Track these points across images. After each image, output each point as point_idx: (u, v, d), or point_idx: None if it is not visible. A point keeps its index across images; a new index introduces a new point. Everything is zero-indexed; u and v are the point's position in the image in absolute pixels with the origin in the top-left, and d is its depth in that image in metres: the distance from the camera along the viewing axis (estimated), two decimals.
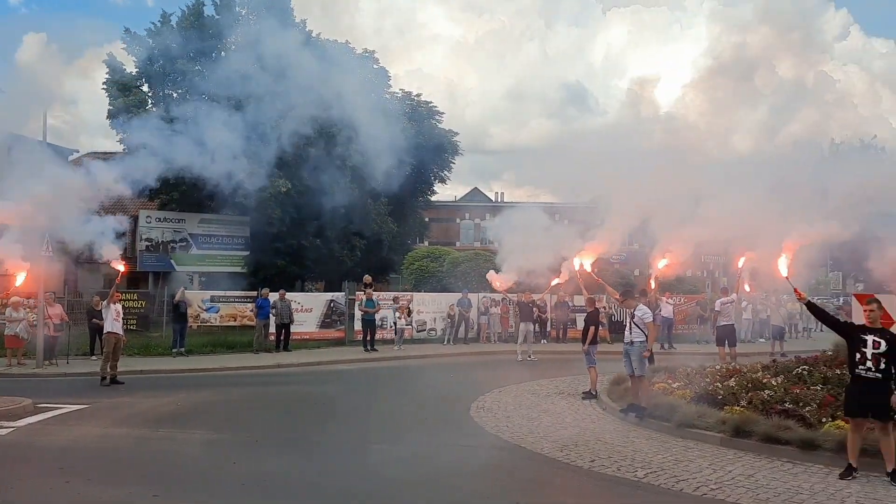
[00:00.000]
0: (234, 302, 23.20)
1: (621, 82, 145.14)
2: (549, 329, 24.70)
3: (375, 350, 20.91)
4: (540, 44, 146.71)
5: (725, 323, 16.76)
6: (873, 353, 7.63)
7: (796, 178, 14.76)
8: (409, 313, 23.42)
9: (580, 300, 20.78)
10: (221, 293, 23.85)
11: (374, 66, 30.72)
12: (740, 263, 15.44)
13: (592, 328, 13.62)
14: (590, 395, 13.10)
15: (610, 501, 7.47)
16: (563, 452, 9.00)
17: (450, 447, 9.63)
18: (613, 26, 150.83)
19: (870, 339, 7.72)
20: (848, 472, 7.72)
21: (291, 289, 26.80)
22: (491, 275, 17.52)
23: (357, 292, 23.48)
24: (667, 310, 23.14)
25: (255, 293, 22.48)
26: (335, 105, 20.30)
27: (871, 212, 13.91)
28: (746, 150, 16.61)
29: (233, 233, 29.67)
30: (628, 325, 11.55)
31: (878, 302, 8.30)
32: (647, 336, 11.20)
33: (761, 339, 24.44)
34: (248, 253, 29.25)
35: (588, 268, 14.27)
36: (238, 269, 29.20)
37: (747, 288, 17.75)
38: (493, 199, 61.46)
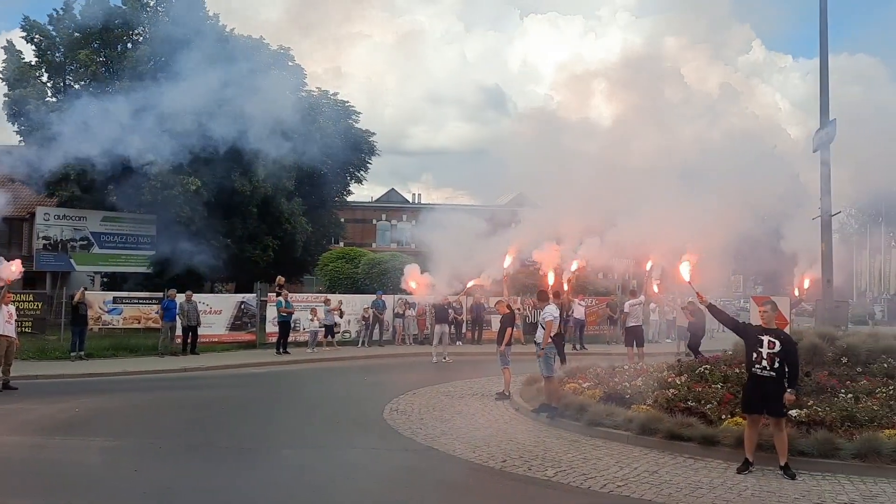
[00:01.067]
0: (139, 303, 22.29)
1: (538, 87, 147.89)
2: (464, 331, 24.84)
3: (288, 353, 20.48)
4: (459, 47, 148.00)
5: (634, 324, 17.26)
6: (768, 353, 7.99)
7: (702, 184, 15.38)
8: (342, 314, 23.23)
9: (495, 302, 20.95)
10: (125, 294, 22.91)
11: (290, 64, 30.19)
12: (648, 266, 15.96)
13: (510, 329, 13.75)
14: (503, 395, 13.21)
15: (521, 501, 7.54)
16: (475, 453, 9.03)
17: (362, 450, 9.51)
18: (531, 32, 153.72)
19: (765, 339, 8.08)
20: (745, 467, 8.06)
21: (200, 290, 26.00)
22: (412, 274, 17.35)
23: (269, 293, 22.97)
24: (579, 311, 23.70)
25: (160, 294, 21.67)
26: (248, 102, 19.80)
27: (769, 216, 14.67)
28: (655, 158, 17.15)
29: (138, 231, 28.58)
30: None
31: (773, 304, 8.73)
32: (550, 337, 11.41)
33: (668, 340, 25.31)
34: (153, 252, 28.21)
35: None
36: (143, 270, 28.13)
37: (656, 289, 18.34)
38: (411, 200, 61.46)
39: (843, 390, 9.86)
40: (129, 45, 26.80)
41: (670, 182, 15.65)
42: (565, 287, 16.75)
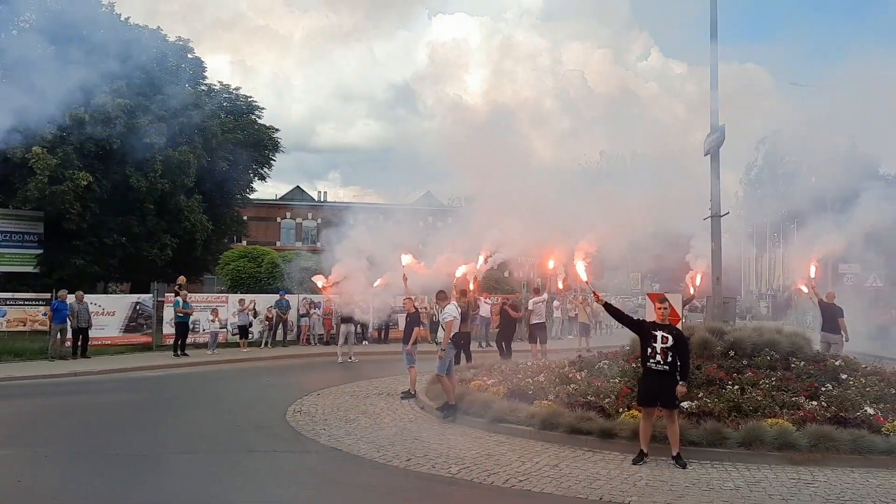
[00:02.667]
0: (24, 305, 20.97)
1: (448, 87, 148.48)
2: (370, 330, 24.69)
3: (186, 355, 19.77)
4: (367, 44, 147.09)
5: (537, 321, 17.61)
6: (662, 348, 8.33)
7: (604, 184, 15.88)
8: (256, 314, 22.75)
9: (400, 301, 20.91)
10: (9, 295, 21.52)
11: (189, 56, 29.17)
12: (550, 264, 16.31)
13: (417, 328, 13.76)
14: (409, 394, 13.21)
15: (424, 499, 7.54)
16: (380, 453, 8.98)
17: (263, 454, 9.28)
18: (439, 31, 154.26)
19: (659, 334, 8.42)
20: (640, 458, 8.37)
21: (93, 290, 24.77)
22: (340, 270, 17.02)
23: (167, 294, 22.12)
24: (484, 309, 23.97)
25: (48, 295, 20.50)
26: (142, 94, 19.00)
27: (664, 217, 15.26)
28: (558, 159, 17.59)
29: (23, 229, 26.86)
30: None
31: (669, 301, 9.09)
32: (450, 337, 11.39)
33: (570, 336, 25.98)
34: (41, 251, 26.64)
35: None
36: (30, 269, 26.52)
37: (560, 285, 18.73)
38: (317, 198, 60.66)
39: (730, 382, 10.37)
40: (15, 33, 25.19)
41: (574, 181, 16.10)
42: (472, 285, 16.91)
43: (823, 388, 10.19)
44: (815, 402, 9.63)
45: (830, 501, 7.02)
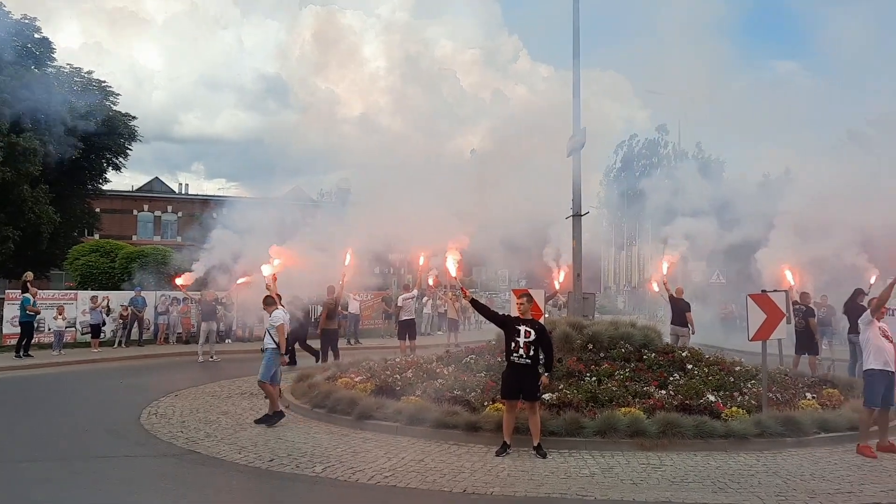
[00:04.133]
0: None
1: (318, 80, 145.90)
2: (234, 328, 23.87)
3: (30, 356, 18.30)
4: (235, 32, 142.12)
5: (407, 318, 17.67)
6: (525, 342, 8.57)
7: (473, 182, 16.14)
8: (109, 311, 21.54)
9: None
10: None
11: (36, 35, 26.99)
12: (421, 261, 16.41)
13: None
14: None
15: (285, 500, 7.36)
16: (241, 454, 8.68)
17: (114, 459, 8.72)
18: (310, 23, 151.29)
19: (522, 329, 8.66)
20: (503, 449, 8.57)
21: None
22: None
23: (7, 291, 20.38)
24: (354, 306, 23.83)
25: None
26: None
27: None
28: (429, 156, 17.71)
29: None
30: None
31: (529, 296, 9.38)
32: (277, 343, 10.84)
33: (439, 332, 26.29)
34: None
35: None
36: None
37: (431, 282, 18.88)
38: (178, 190, 57.97)
39: (588, 374, 10.86)
40: None
41: (444, 178, 16.26)
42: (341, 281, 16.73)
43: (671, 378, 10.87)
44: (663, 391, 10.26)
45: (675, 484, 7.47)
